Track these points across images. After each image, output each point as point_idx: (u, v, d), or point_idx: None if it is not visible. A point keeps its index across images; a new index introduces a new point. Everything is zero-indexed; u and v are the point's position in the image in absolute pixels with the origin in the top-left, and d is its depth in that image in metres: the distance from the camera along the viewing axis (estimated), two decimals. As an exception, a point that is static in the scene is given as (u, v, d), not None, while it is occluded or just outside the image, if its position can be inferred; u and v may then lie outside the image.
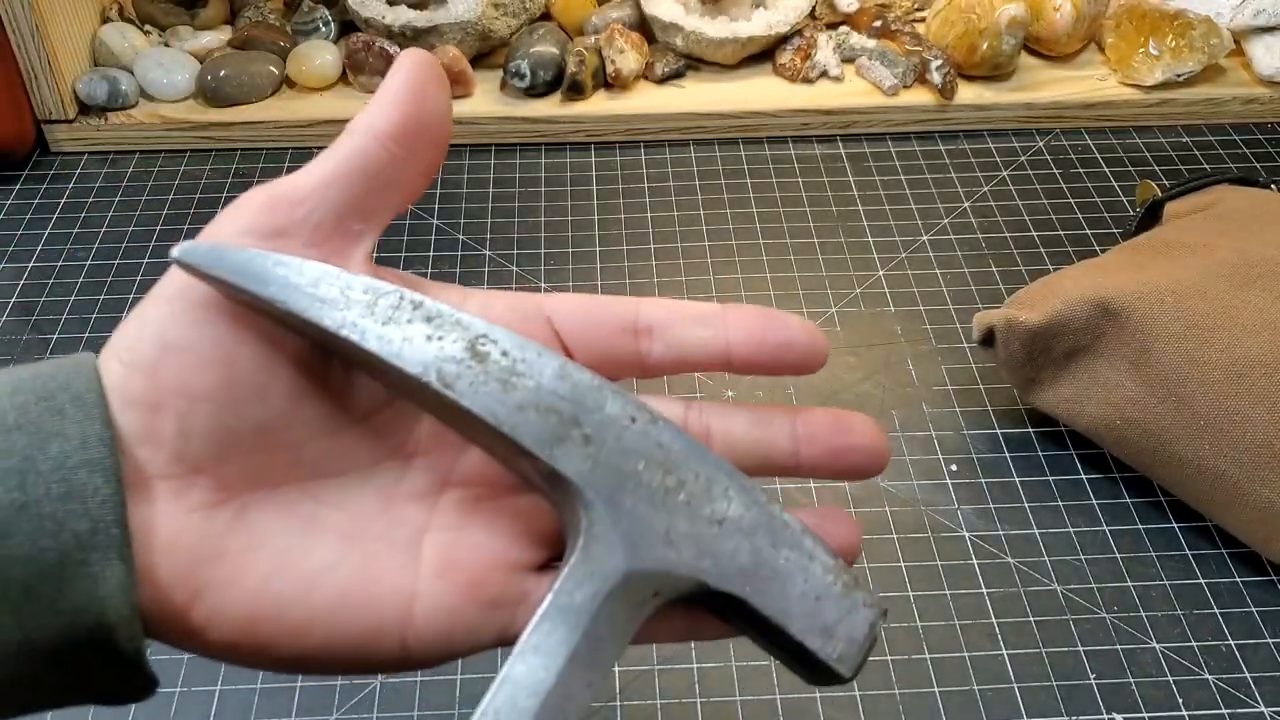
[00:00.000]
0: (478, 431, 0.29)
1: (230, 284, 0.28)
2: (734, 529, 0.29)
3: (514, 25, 0.79)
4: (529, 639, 0.27)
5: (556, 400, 0.29)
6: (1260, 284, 0.51)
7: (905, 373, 0.60)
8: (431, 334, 0.28)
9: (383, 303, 0.28)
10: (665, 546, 0.28)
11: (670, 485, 0.29)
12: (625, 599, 0.28)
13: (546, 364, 0.29)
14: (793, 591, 0.29)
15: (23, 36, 0.71)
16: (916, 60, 0.78)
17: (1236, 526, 0.50)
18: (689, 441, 0.29)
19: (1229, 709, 0.46)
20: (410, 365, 0.28)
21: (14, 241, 0.69)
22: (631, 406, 0.30)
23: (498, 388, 0.28)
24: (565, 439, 0.28)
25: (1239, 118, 0.79)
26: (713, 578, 0.28)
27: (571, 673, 0.27)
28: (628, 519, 0.28)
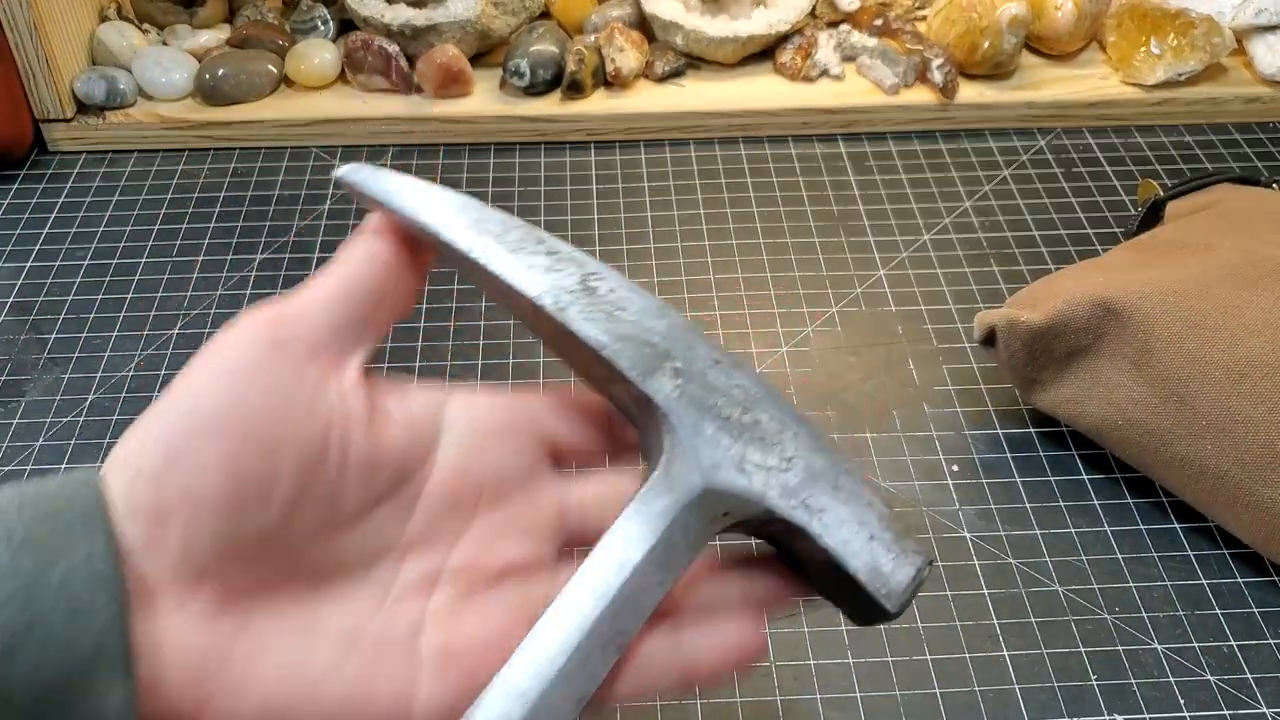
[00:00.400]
0: (581, 355, 0.32)
1: (384, 203, 0.32)
2: (801, 468, 0.32)
3: (513, 24, 0.79)
4: (608, 539, 0.30)
5: (653, 335, 0.32)
6: (1262, 284, 0.51)
7: (906, 372, 0.60)
8: (550, 265, 0.32)
9: (513, 234, 0.32)
10: (738, 472, 0.31)
11: (747, 422, 0.32)
12: (699, 513, 0.31)
13: (647, 303, 0.32)
14: (850, 530, 0.31)
15: (21, 35, 0.71)
16: (918, 59, 0.78)
17: (1238, 527, 0.50)
18: (767, 387, 0.33)
19: (1230, 710, 0.46)
20: (530, 289, 0.31)
21: (11, 241, 0.69)
22: (717, 351, 0.33)
23: (603, 318, 0.32)
24: (658, 369, 0.31)
25: (1241, 117, 0.79)
26: (779, 506, 0.31)
27: (646, 569, 0.30)
28: (707, 444, 0.31)
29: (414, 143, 0.77)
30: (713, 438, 0.31)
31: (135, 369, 0.60)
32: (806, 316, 0.63)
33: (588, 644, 0.29)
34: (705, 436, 0.31)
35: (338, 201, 0.72)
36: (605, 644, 0.29)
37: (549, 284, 0.32)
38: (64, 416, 0.58)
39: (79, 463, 0.55)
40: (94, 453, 0.56)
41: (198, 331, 0.63)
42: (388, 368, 0.60)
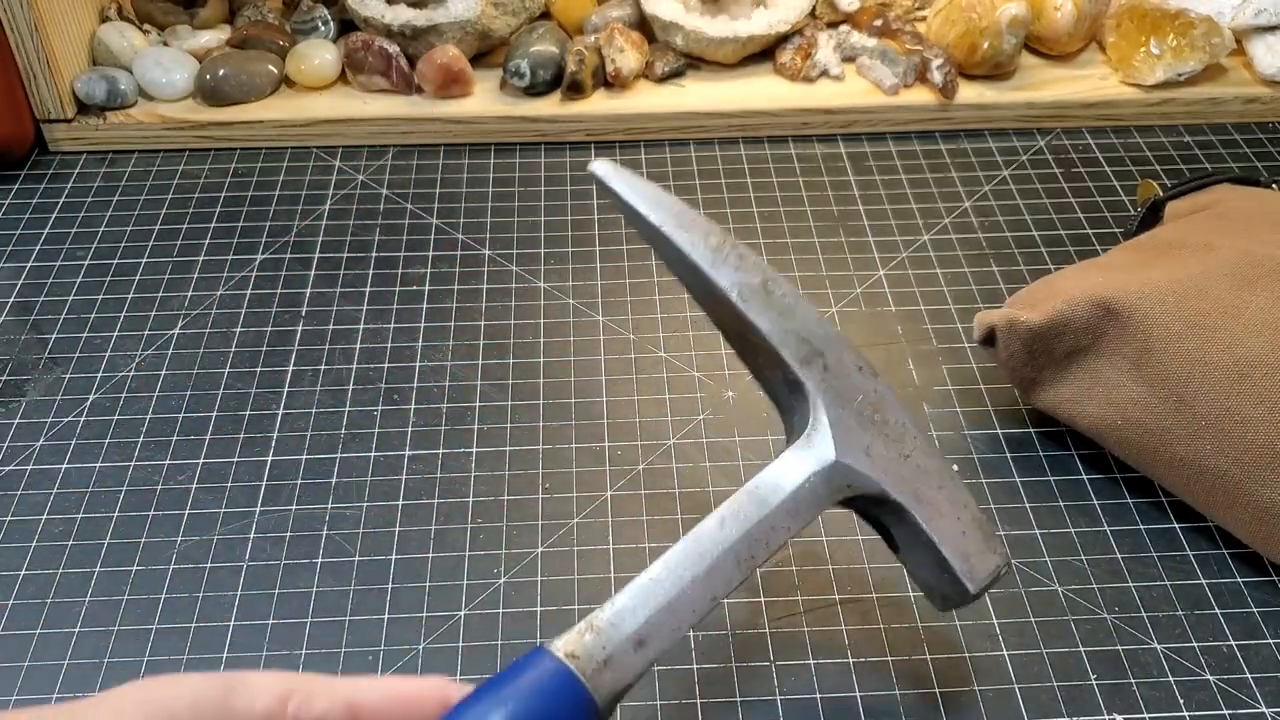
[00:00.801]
0: (751, 340, 0.40)
1: (624, 199, 0.41)
2: (916, 464, 0.40)
3: (513, 24, 0.79)
4: (752, 484, 0.38)
5: (812, 335, 0.40)
6: (1262, 284, 0.51)
7: (906, 373, 0.60)
8: (738, 266, 0.40)
9: (712, 239, 0.41)
10: (865, 456, 0.39)
11: (876, 419, 0.40)
12: (827, 481, 0.38)
13: (811, 311, 0.41)
14: (948, 522, 0.39)
15: (21, 36, 0.71)
16: (917, 59, 0.78)
17: (1238, 527, 0.50)
18: (897, 400, 0.41)
19: (1230, 710, 0.46)
20: (721, 282, 0.40)
21: (12, 241, 0.69)
22: (861, 360, 0.41)
23: (776, 315, 0.40)
24: (811, 363, 0.40)
25: (1240, 117, 0.79)
26: (893, 490, 0.39)
27: (778, 513, 0.37)
28: (842, 429, 0.39)
29: (414, 143, 0.77)
30: (848, 425, 0.39)
31: (136, 369, 0.60)
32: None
33: (726, 556, 0.36)
34: (841, 422, 0.39)
35: (338, 202, 0.72)
36: (739, 561, 0.36)
37: (737, 280, 0.40)
38: (64, 416, 0.58)
39: (79, 463, 0.55)
40: (94, 453, 0.56)
41: (198, 331, 0.63)
42: (388, 367, 0.60)
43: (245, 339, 0.62)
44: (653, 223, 0.40)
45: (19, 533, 0.52)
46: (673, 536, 0.52)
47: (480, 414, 0.58)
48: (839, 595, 0.50)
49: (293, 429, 0.57)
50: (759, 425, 0.57)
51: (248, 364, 0.61)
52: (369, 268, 0.67)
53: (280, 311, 0.64)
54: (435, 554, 0.51)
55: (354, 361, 0.61)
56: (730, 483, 0.54)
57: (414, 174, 0.74)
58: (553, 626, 0.48)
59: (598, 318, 0.63)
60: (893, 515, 0.40)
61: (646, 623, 0.34)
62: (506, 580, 0.50)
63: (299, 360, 0.61)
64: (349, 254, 0.68)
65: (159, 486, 0.54)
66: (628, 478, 0.54)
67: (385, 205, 0.72)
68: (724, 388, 0.59)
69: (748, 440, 0.56)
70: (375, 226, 0.70)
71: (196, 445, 0.56)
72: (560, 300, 0.65)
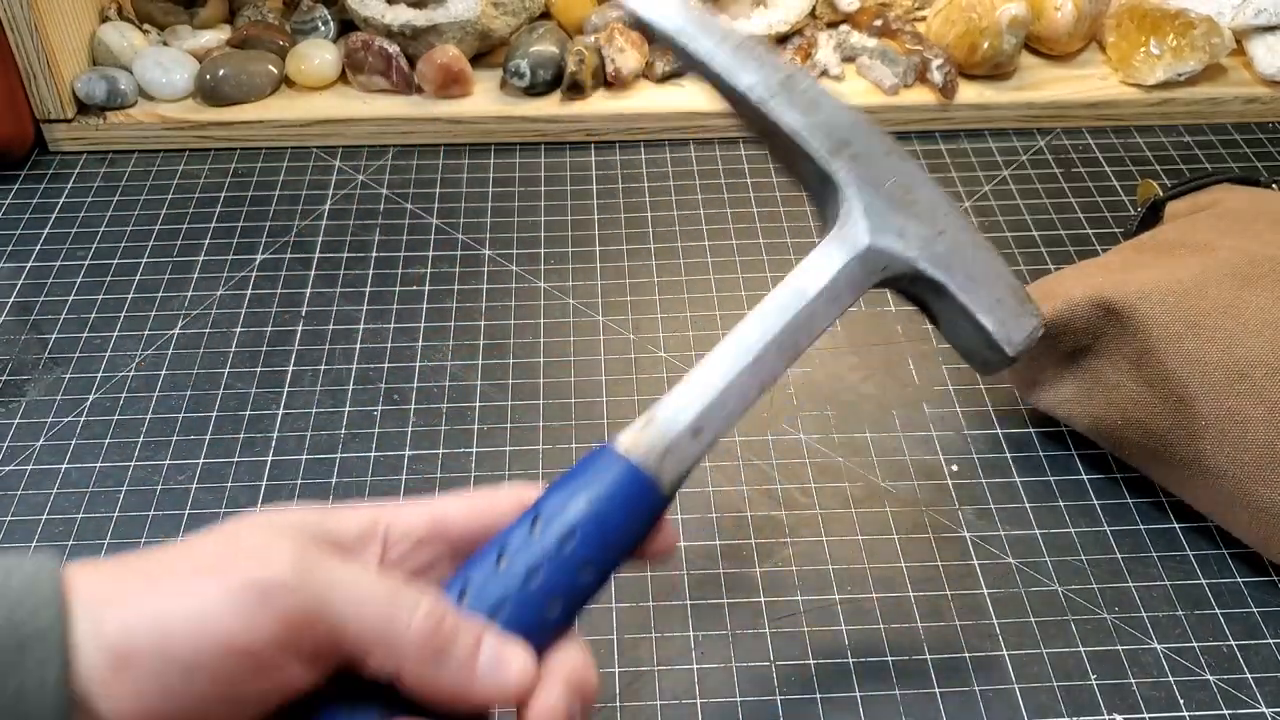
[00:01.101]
0: (778, 139, 0.41)
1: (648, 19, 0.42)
2: (949, 240, 0.41)
3: (513, 24, 0.79)
4: (790, 278, 0.39)
5: (837, 126, 0.41)
6: (1262, 284, 0.51)
7: (906, 373, 0.60)
8: (759, 67, 0.41)
9: (730, 42, 0.41)
10: (898, 237, 0.40)
11: (908, 200, 0.40)
12: (863, 265, 0.39)
13: (834, 102, 0.41)
14: (982, 290, 0.41)
15: (21, 36, 0.71)
16: (917, 59, 0.78)
17: (1237, 527, 0.50)
18: (928, 177, 0.41)
19: (1230, 709, 0.46)
20: (741, 84, 0.40)
21: (12, 241, 0.69)
22: (889, 143, 0.41)
23: (799, 111, 0.40)
24: (839, 153, 0.40)
25: (1240, 117, 0.79)
26: (927, 266, 0.40)
27: (818, 301, 0.38)
28: (874, 214, 0.40)
29: (414, 143, 0.77)
30: (879, 209, 0.40)
31: (136, 369, 0.60)
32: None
33: (769, 348, 0.37)
34: (873, 208, 0.40)
35: (338, 202, 0.72)
36: (782, 350, 0.38)
37: (758, 79, 0.41)
38: (65, 416, 0.58)
39: (79, 463, 0.55)
40: (94, 453, 0.56)
41: (198, 331, 0.63)
42: (388, 366, 0.60)
43: (245, 339, 0.62)
44: (670, 33, 0.42)
45: (19, 533, 0.52)
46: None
47: (480, 414, 0.58)
48: (839, 595, 0.50)
49: (293, 429, 0.57)
50: (759, 425, 0.57)
51: (248, 364, 0.61)
52: (369, 268, 0.67)
53: (280, 311, 0.64)
54: (435, 554, 0.51)
55: (354, 361, 0.61)
56: (730, 483, 0.54)
57: (414, 174, 0.74)
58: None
59: (598, 318, 0.63)
60: (930, 290, 0.42)
61: (701, 414, 0.36)
62: (506, 580, 0.50)
63: (299, 360, 0.61)
64: (349, 254, 0.68)
65: (159, 486, 0.54)
66: (628, 478, 0.54)
67: (385, 205, 0.72)
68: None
69: (748, 440, 0.56)
70: (375, 226, 0.70)
71: (196, 445, 0.56)
72: (560, 300, 0.65)
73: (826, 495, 0.54)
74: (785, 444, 0.56)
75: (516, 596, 0.32)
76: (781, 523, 0.53)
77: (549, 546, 0.33)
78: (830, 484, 0.54)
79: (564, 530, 0.33)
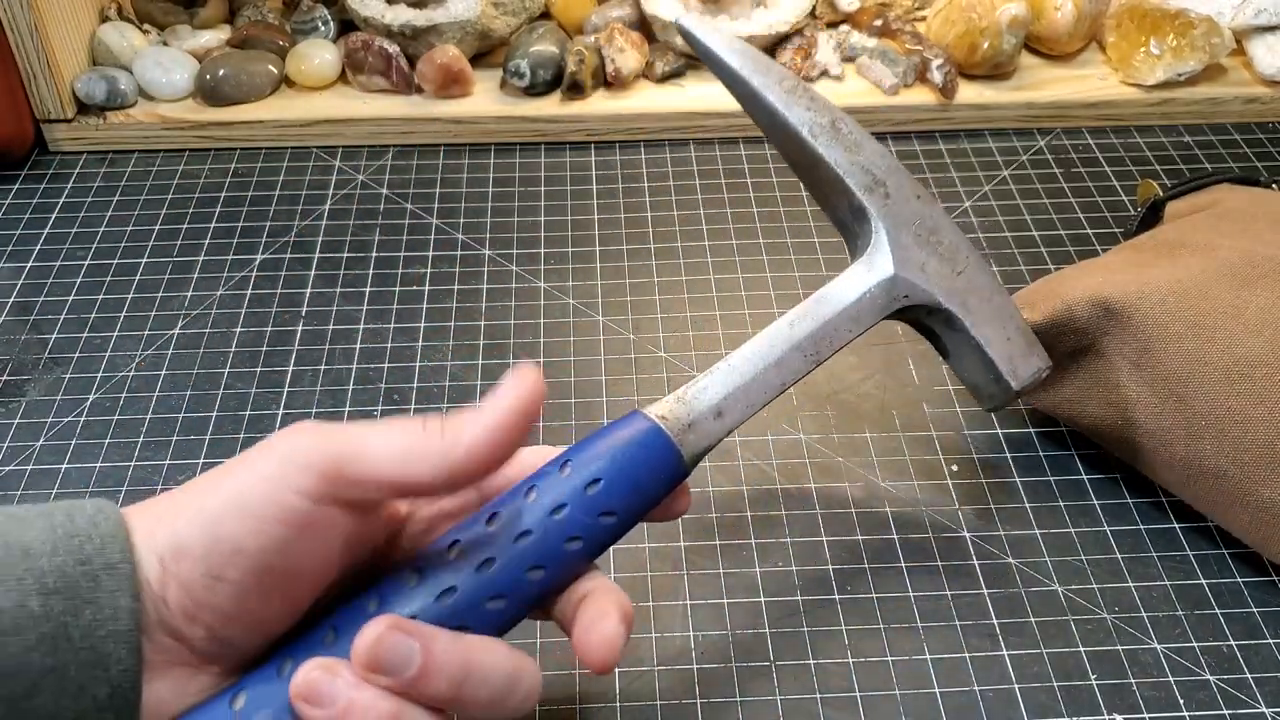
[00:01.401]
0: (819, 172, 0.46)
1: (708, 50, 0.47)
2: (966, 279, 0.46)
3: (513, 24, 0.79)
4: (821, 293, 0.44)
5: (875, 167, 0.46)
6: (1262, 284, 0.51)
7: (906, 372, 0.60)
8: (810, 107, 0.46)
9: (786, 83, 0.46)
10: (920, 271, 0.45)
11: (933, 240, 0.45)
12: (886, 292, 0.44)
13: (875, 145, 0.46)
14: (994, 328, 0.46)
15: (21, 36, 0.71)
16: (917, 59, 0.78)
17: (1238, 527, 0.50)
18: (953, 223, 0.46)
19: (1230, 710, 0.46)
20: (794, 120, 0.46)
21: (12, 241, 0.69)
22: (920, 188, 0.47)
23: (842, 149, 0.46)
24: (873, 190, 0.45)
25: (1240, 117, 0.79)
26: (945, 300, 0.45)
27: (842, 317, 0.43)
28: (900, 247, 0.45)
29: (414, 143, 0.77)
30: (906, 244, 0.45)
31: (136, 369, 0.60)
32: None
33: (793, 351, 0.42)
34: (899, 242, 0.45)
35: (338, 202, 0.72)
36: (805, 355, 0.42)
37: (809, 118, 0.46)
38: (65, 416, 0.58)
39: (79, 463, 0.55)
40: (94, 453, 0.56)
41: (198, 331, 0.63)
42: (388, 366, 0.60)
43: (245, 339, 0.62)
44: (733, 67, 0.46)
45: (19, 533, 0.52)
46: (673, 537, 0.52)
47: (480, 414, 0.58)
48: (839, 595, 0.50)
49: (293, 429, 0.57)
50: (759, 425, 0.57)
51: (248, 364, 0.61)
52: (369, 268, 0.67)
53: (280, 311, 0.64)
54: (435, 554, 0.51)
55: (354, 361, 0.61)
56: (730, 483, 0.54)
57: (414, 174, 0.74)
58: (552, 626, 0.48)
59: (598, 318, 0.63)
60: (943, 323, 0.46)
61: (725, 399, 0.40)
62: (506, 580, 0.50)
63: (299, 360, 0.61)
64: (349, 254, 0.68)
65: (159, 486, 0.54)
66: (628, 478, 0.54)
67: (385, 205, 0.72)
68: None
69: (747, 440, 0.56)
70: (375, 226, 0.70)
71: (196, 445, 0.56)
72: (560, 300, 0.65)
73: (826, 495, 0.54)
74: (785, 444, 0.56)
75: (541, 526, 0.35)
76: (781, 522, 0.53)
77: (576, 487, 0.36)
78: (830, 484, 0.54)
79: (590, 475, 0.36)
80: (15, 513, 0.32)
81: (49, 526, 0.32)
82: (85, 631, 0.30)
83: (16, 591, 0.30)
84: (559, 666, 0.47)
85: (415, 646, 0.32)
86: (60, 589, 0.30)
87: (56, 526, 0.32)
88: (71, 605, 0.30)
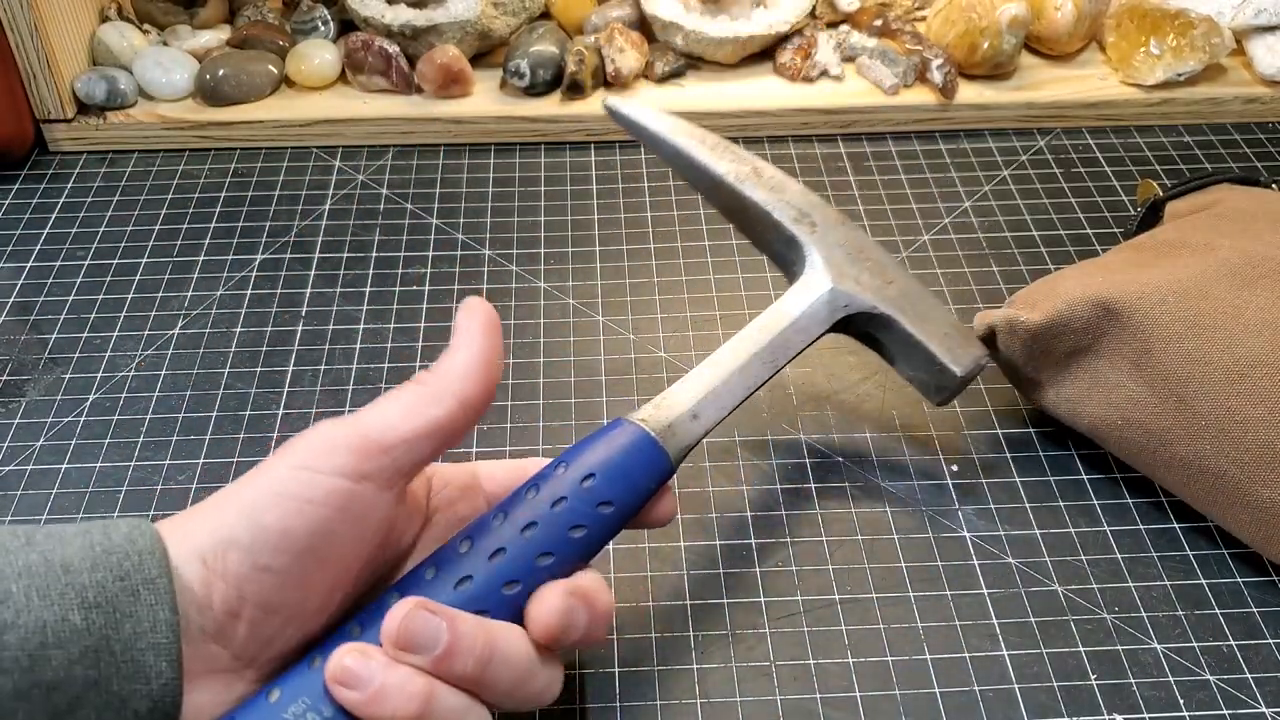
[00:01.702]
0: (750, 214, 0.51)
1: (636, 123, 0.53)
2: (897, 288, 0.50)
3: (513, 24, 0.79)
4: (769, 311, 0.48)
5: (799, 203, 0.51)
6: (1262, 284, 0.51)
7: (905, 372, 0.60)
8: (733, 159, 0.52)
9: (709, 140, 0.52)
10: (855, 284, 0.49)
11: (860, 258, 0.50)
12: (827, 304, 0.49)
13: (796, 185, 0.52)
14: (930, 325, 0.50)
15: (21, 36, 0.71)
16: (917, 59, 0.78)
17: (1238, 527, 0.50)
18: (875, 242, 0.52)
19: (1230, 710, 0.46)
20: (720, 171, 0.51)
21: (12, 241, 0.69)
22: (843, 217, 0.52)
23: (767, 190, 0.51)
24: (800, 221, 0.51)
25: (1240, 117, 0.79)
26: (881, 305, 0.49)
27: (792, 330, 0.48)
28: (833, 265, 0.49)
29: (414, 143, 0.77)
30: (838, 262, 0.49)
31: (136, 369, 0.60)
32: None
33: (755, 359, 0.46)
34: (832, 261, 0.49)
35: (338, 202, 0.72)
36: (765, 362, 0.46)
37: (732, 169, 0.51)
38: (65, 416, 0.58)
39: (79, 463, 0.55)
40: (94, 453, 0.56)
41: (198, 331, 0.63)
42: (388, 366, 0.60)
43: (245, 339, 0.62)
44: (662, 134, 0.52)
45: (19, 533, 0.52)
46: (673, 537, 0.52)
47: (480, 414, 0.58)
48: (839, 595, 0.50)
49: (293, 429, 0.57)
50: (759, 425, 0.57)
51: (248, 364, 0.61)
52: (369, 268, 0.67)
53: (280, 311, 0.64)
54: (435, 554, 0.51)
55: (354, 361, 0.61)
56: (730, 483, 0.54)
57: (414, 174, 0.74)
58: (553, 626, 0.48)
59: (598, 318, 0.63)
60: (884, 328, 0.50)
61: (699, 403, 0.44)
62: (506, 580, 0.50)
63: (299, 360, 0.61)
64: (349, 254, 0.68)
65: (159, 486, 0.54)
66: (628, 478, 0.54)
67: (385, 205, 0.72)
68: (724, 388, 0.59)
69: (747, 440, 0.56)
70: (375, 226, 0.70)
71: (196, 445, 0.56)
72: (560, 300, 0.65)
73: (826, 495, 0.54)
74: (785, 444, 0.56)
75: (546, 518, 0.38)
76: (781, 523, 0.53)
77: (573, 480, 0.39)
78: (830, 484, 0.54)
79: (585, 471, 0.39)
80: (53, 531, 0.33)
81: (87, 544, 0.32)
82: (126, 645, 0.31)
83: (59, 605, 0.31)
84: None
85: (441, 625, 0.34)
86: (100, 604, 0.31)
87: (95, 544, 0.32)
88: (112, 619, 0.31)
